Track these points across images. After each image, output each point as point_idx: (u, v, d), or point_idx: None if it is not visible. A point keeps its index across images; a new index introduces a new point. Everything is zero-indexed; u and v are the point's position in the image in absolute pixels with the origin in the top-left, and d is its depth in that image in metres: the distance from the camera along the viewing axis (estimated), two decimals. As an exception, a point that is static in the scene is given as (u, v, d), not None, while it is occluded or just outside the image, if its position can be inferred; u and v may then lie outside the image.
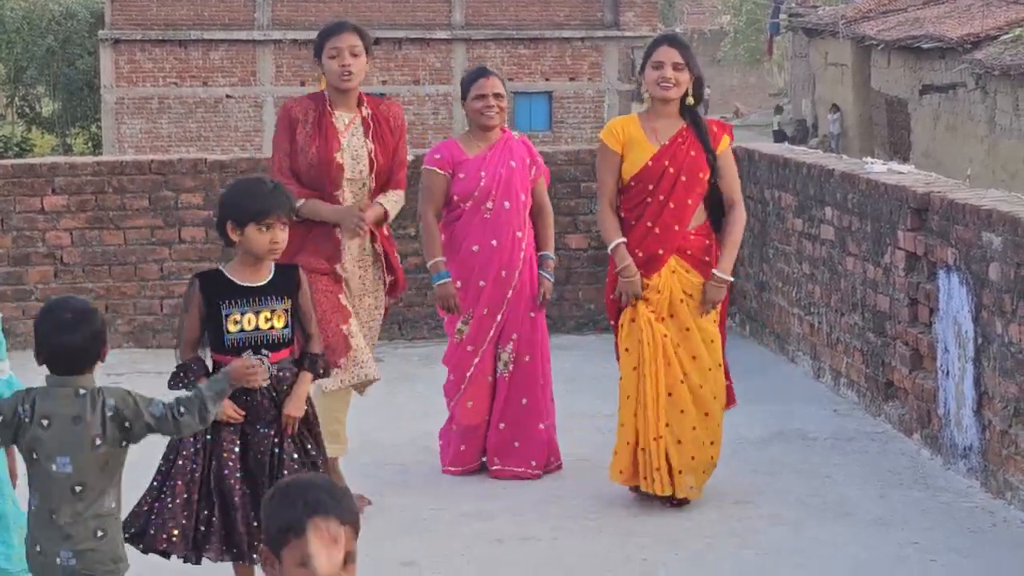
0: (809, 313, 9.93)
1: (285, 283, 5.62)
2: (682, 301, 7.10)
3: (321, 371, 5.77)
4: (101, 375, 4.83)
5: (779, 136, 43.21)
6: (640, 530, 6.89)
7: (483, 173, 7.56)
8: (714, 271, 7.09)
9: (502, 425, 7.65)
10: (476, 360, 7.62)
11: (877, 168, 9.20)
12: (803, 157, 10.41)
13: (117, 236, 10.85)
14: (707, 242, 7.16)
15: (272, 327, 5.56)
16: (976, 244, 7.34)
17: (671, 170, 7.04)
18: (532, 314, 7.67)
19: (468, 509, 7.20)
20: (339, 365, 6.89)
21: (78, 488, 4.59)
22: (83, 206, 10.84)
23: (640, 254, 7.07)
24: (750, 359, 10.47)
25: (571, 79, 41.71)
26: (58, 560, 4.59)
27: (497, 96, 7.59)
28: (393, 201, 7.20)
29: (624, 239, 7.08)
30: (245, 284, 5.56)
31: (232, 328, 5.55)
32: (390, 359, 9.95)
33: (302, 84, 40.21)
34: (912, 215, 8.15)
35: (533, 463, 7.66)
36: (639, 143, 7.08)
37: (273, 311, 5.56)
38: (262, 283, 5.59)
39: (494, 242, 7.57)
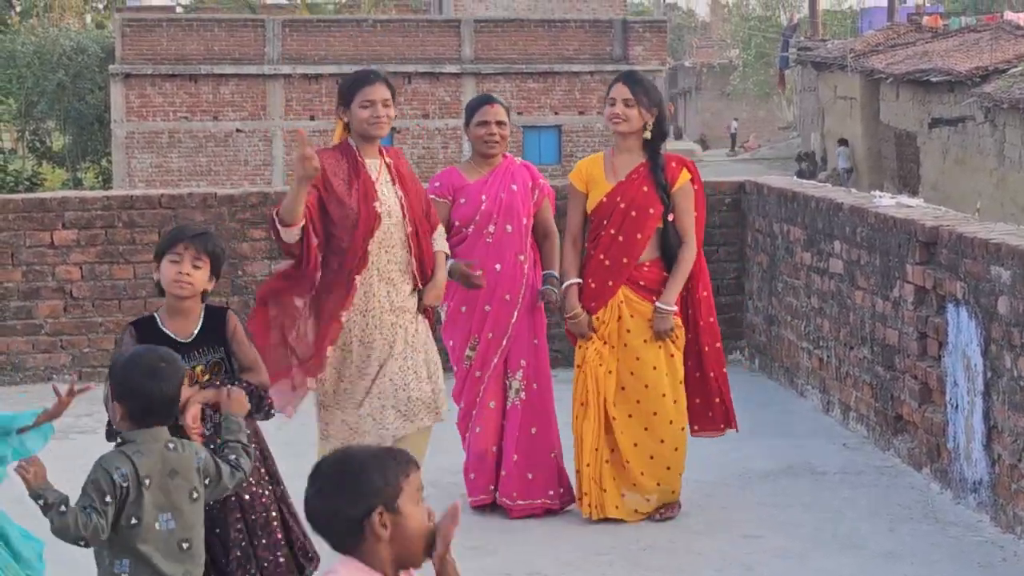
0: (818, 347, 9.92)
1: (214, 332, 5.45)
2: (628, 331, 7.39)
3: (254, 396, 5.47)
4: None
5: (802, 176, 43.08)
6: (648, 563, 6.89)
7: (484, 197, 7.59)
8: (657, 302, 7.37)
9: (515, 457, 7.63)
10: (483, 386, 7.63)
11: (886, 202, 9.21)
12: (811, 191, 10.42)
13: (127, 270, 10.88)
14: (664, 275, 7.43)
15: (208, 379, 5.42)
16: (985, 278, 7.34)
17: (622, 205, 7.38)
18: (535, 340, 7.69)
19: (475, 543, 7.18)
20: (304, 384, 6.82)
21: (184, 545, 4.52)
22: (93, 240, 10.86)
23: (592, 284, 7.44)
24: (759, 393, 10.47)
25: (580, 113, 41.79)
26: None
27: (500, 124, 7.64)
28: (444, 239, 7.22)
29: (578, 280, 7.46)
30: (177, 339, 5.38)
31: None
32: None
33: (312, 118, 40.30)
34: (921, 249, 8.15)
35: (551, 492, 7.66)
36: (598, 181, 7.47)
37: (208, 363, 5.43)
38: (192, 335, 5.43)
39: (498, 266, 7.58)
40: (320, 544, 3.95)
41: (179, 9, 50.15)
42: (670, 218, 7.36)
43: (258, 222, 10.91)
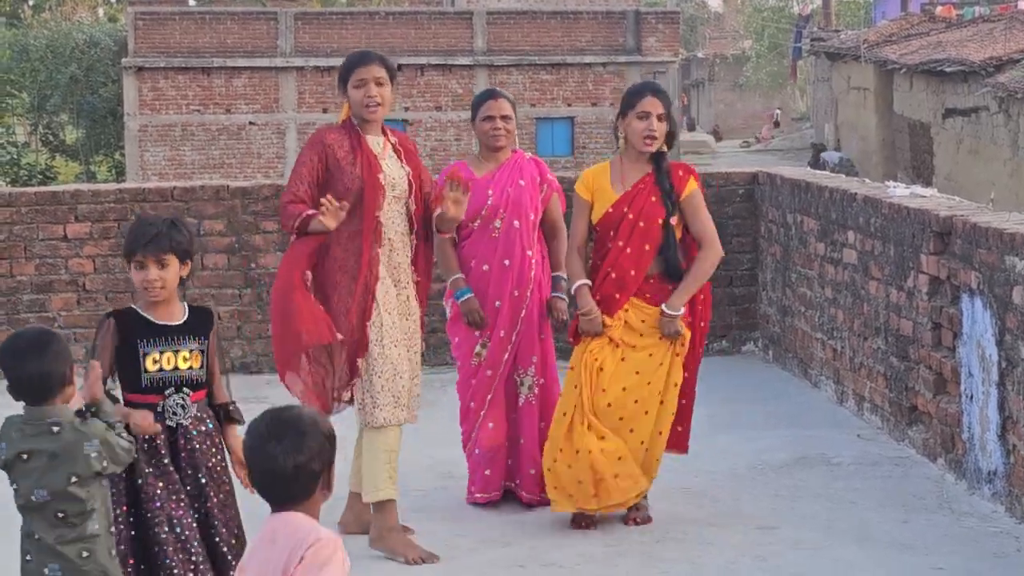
0: (832, 337, 9.90)
1: (199, 324, 5.52)
2: (642, 335, 7.20)
3: (240, 418, 5.58)
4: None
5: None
6: (662, 555, 6.88)
7: (490, 192, 7.57)
8: (663, 306, 7.18)
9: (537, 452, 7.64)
10: (495, 383, 7.61)
11: (900, 192, 9.19)
12: (825, 181, 10.40)
13: (140, 263, 10.86)
14: (669, 288, 7.22)
15: (191, 367, 5.47)
16: (999, 268, 7.32)
17: (630, 216, 7.19)
18: (542, 336, 7.68)
19: (490, 535, 7.19)
20: (356, 366, 6.84)
21: (59, 515, 4.68)
22: (106, 233, 10.87)
23: (598, 297, 7.23)
24: (773, 384, 10.46)
25: (593, 104, 41.77)
26: (46, 571, 4.69)
27: (505, 118, 7.64)
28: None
29: (587, 281, 7.24)
30: (161, 323, 5.47)
31: (151, 367, 5.45)
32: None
33: (324, 111, 40.34)
34: (935, 239, 8.13)
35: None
36: (605, 191, 7.27)
37: (191, 351, 5.48)
38: (178, 322, 5.50)
39: (506, 262, 7.58)
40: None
41: (191, 2, 50.15)
42: (673, 221, 7.19)
43: (271, 214, 10.91)
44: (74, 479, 4.67)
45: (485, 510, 7.58)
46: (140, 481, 5.39)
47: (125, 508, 5.38)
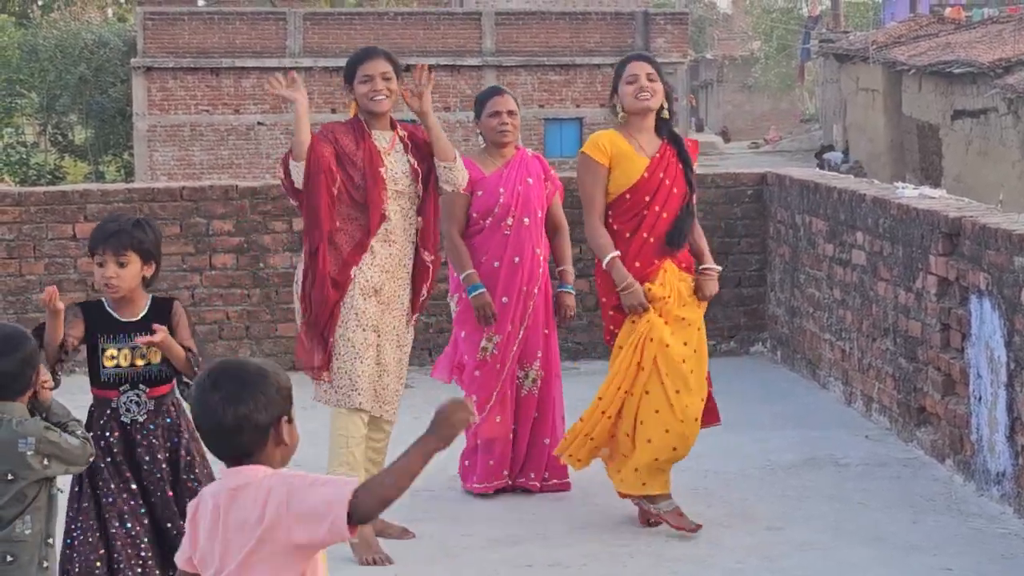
0: (840, 338, 9.90)
1: (159, 318, 5.55)
2: (685, 305, 7.16)
3: (191, 361, 5.57)
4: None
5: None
6: (670, 554, 6.88)
7: (502, 190, 7.62)
8: (705, 264, 7.24)
9: (525, 440, 7.80)
10: (503, 377, 7.68)
11: (908, 193, 9.18)
12: (834, 182, 10.39)
13: (148, 262, 10.87)
14: (691, 258, 7.28)
15: (148, 362, 5.53)
16: (1008, 269, 7.31)
17: (666, 181, 7.15)
18: (546, 331, 7.76)
19: (498, 535, 7.19)
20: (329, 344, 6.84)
21: None
22: (115, 233, 10.85)
23: (638, 264, 7.10)
24: (781, 384, 10.45)
25: (602, 105, 41.57)
26: None
27: (511, 114, 7.73)
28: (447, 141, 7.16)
29: (618, 252, 7.09)
30: (122, 319, 5.53)
31: (108, 363, 5.53)
32: (420, 384, 9.93)
33: (333, 111, 40.30)
34: (944, 240, 8.12)
35: (532, 475, 7.78)
36: (628, 156, 7.15)
37: (149, 347, 5.51)
38: (137, 318, 5.55)
39: (516, 259, 7.64)
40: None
41: (200, 2, 50.19)
42: (694, 199, 7.25)
43: (279, 214, 10.92)
44: (10, 476, 4.63)
45: (494, 510, 7.58)
46: (97, 478, 5.46)
47: (87, 505, 5.47)
